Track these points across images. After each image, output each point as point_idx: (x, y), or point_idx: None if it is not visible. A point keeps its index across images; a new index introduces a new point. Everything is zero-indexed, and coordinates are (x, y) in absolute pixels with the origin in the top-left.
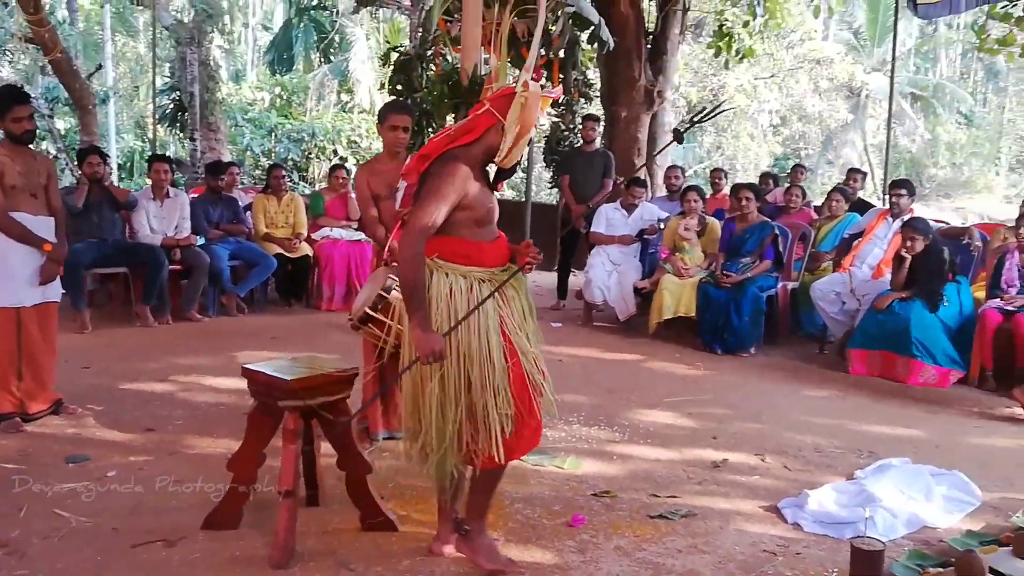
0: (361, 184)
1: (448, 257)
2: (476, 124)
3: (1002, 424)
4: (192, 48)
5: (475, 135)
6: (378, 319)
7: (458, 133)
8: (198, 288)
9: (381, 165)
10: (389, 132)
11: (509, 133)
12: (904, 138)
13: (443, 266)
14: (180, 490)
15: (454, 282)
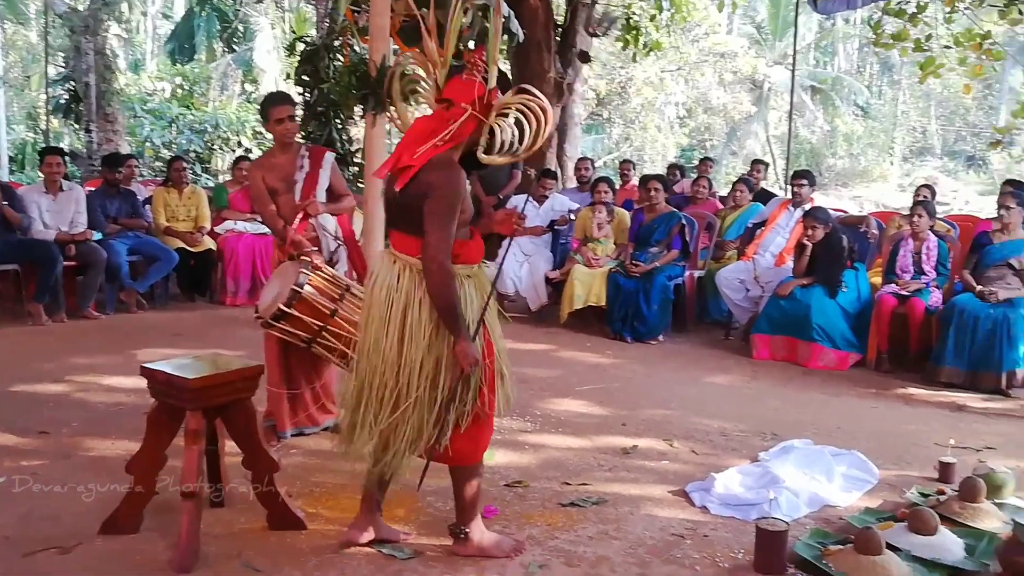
0: (256, 181)
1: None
2: (461, 131)
3: (897, 404)
4: (87, 37)
5: (461, 138)
6: (292, 315)
7: (444, 137)
8: (95, 284)
9: (274, 159)
10: (276, 126)
11: (500, 136)
12: (804, 129)
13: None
14: (76, 495)
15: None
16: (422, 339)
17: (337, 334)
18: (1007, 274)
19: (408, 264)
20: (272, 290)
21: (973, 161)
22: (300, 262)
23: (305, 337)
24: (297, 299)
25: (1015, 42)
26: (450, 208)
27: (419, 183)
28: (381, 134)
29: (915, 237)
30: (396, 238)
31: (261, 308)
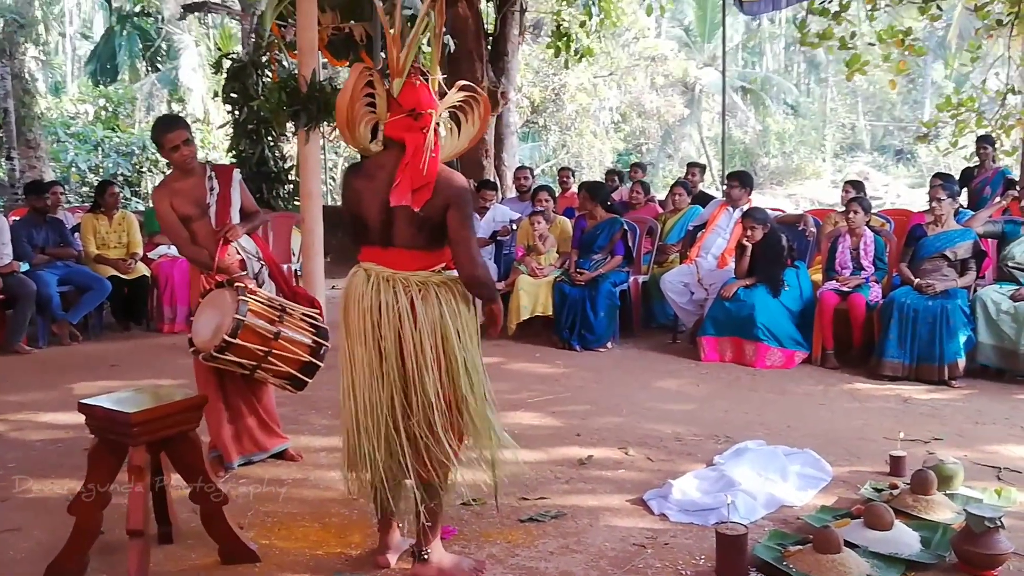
0: (164, 209)
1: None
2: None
3: (844, 400)
4: (3, 61)
5: (415, 143)
6: (237, 344)
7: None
8: (25, 318)
9: (179, 184)
10: (172, 153)
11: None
12: (737, 130)
13: (433, 279)
14: (16, 540)
15: (445, 301)
16: (424, 355)
17: (282, 356)
18: (943, 266)
19: (410, 281)
20: (208, 321)
21: (902, 155)
22: (233, 288)
23: (250, 364)
24: (241, 327)
25: (934, 37)
26: (471, 210)
27: (440, 196)
28: (315, 150)
29: (852, 233)
30: (397, 256)
31: (199, 342)
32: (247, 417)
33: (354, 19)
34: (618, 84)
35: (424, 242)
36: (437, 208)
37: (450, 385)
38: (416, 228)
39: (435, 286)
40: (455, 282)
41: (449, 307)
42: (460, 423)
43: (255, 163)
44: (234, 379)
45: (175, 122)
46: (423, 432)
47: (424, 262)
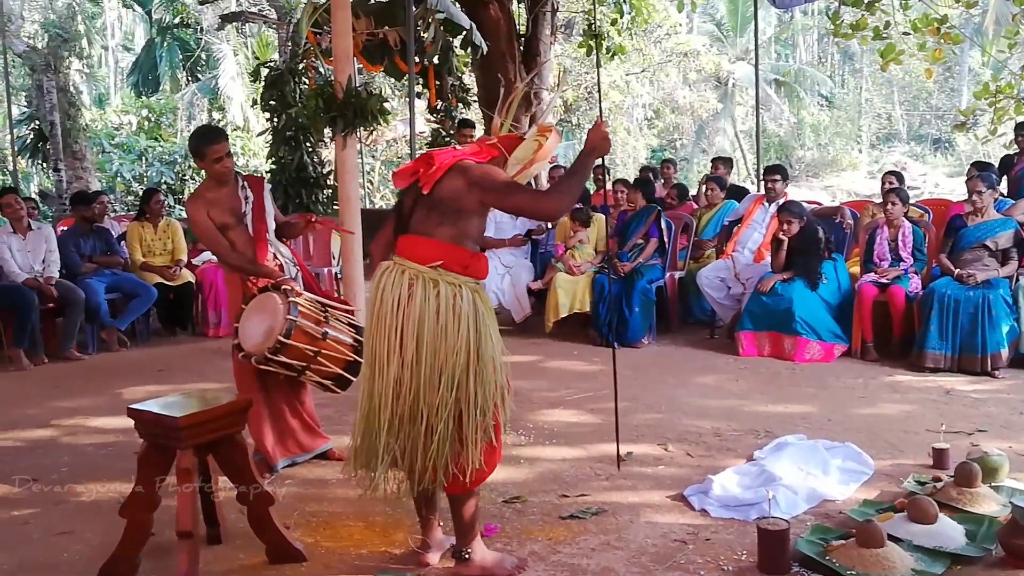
0: (202, 219)
1: (449, 266)
2: (484, 151)
3: (885, 393)
4: (49, 75)
5: (482, 160)
6: (290, 346)
7: (467, 154)
8: (75, 325)
9: (214, 194)
10: (215, 165)
11: (512, 166)
12: (771, 123)
13: (445, 275)
14: (70, 542)
15: (460, 293)
16: (441, 351)
17: (330, 356)
18: (983, 256)
19: (420, 274)
20: (257, 325)
21: (939, 144)
22: (281, 291)
23: (299, 366)
24: (293, 328)
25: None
26: (505, 178)
27: (457, 180)
28: (353, 155)
29: (890, 225)
30: (412, 243)
31: (250, 345)
32: (290, 419)
33: (388, 25)
34: (651, 80)
35: (436, 228)
36: (455, 192)
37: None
38: (427, 211)
39: (429, 280)
40: (456, 282)
41: (433, 304)
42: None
43: (294, 169)
44: (276, 382)
45: (218, 134)
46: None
47: (434, 252)
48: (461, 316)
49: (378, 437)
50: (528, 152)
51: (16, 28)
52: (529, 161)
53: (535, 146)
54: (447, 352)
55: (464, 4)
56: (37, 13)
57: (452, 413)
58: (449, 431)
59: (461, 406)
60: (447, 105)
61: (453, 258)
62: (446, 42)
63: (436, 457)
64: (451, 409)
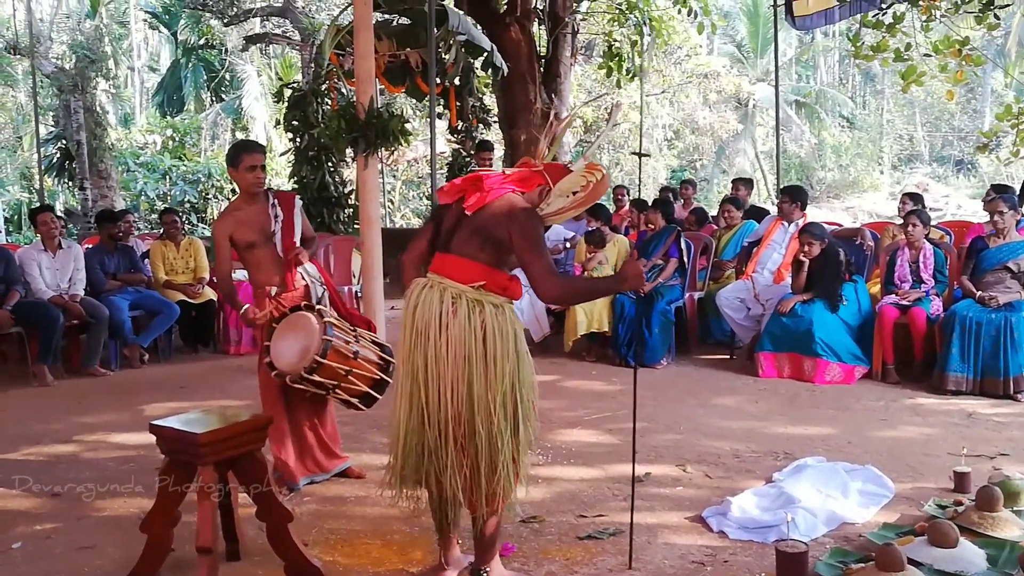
0: (221, 236)
1: (491, 288)
2: (530, 178)
3: (906, 415)
4: (76, 95)
5: (528, 188)
6: (324, 365)
7: (511, 179)
8: (99, 342)
9: (243, 213)
10: (247, 174)
11: (557, 198)
12: (792, 144)
13: (487, 296)
14: (92, 557)
15: (501, 313)
16: (487, 373)
17: (359, 375)
18: (1005, 278)
19: (462, 294)
20: (291, 344)
21: (962, 165)
22: (315, 311)
23: (330, 384)
24: (329, 348)
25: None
26: (539, 237)
27: (501, 215)
28: (374, 175)
29: (911, 246)
30: (453, 263)
31: (285, 364)
32: (310, 438)
33: (410, 46)
34: (671, 101)
35: (476, 252)
36: (496, 223)
37: (468, 409)
38: (467, 235)
39: (473, 301)
40: (497, 302)
41: (478, 324)
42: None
43: (316, 188)
44: (299, 400)
45: (256, 146)
46: (446, 450)
47: (471, 274)
48: (507, 337)
49: (414, 454)
50: (574, 185)
51: (45, 49)
52: (577, 202)
53: (581, 182)
54: (493, 374)
55: (485, 26)
56: (65, 35)
57: (490, 434)
58: (485, 452)
59: (500, 428)
60: (467, 125)
61: (494, 280)
62: (467, 63)
63: (472, 477)
64: (489, 430)
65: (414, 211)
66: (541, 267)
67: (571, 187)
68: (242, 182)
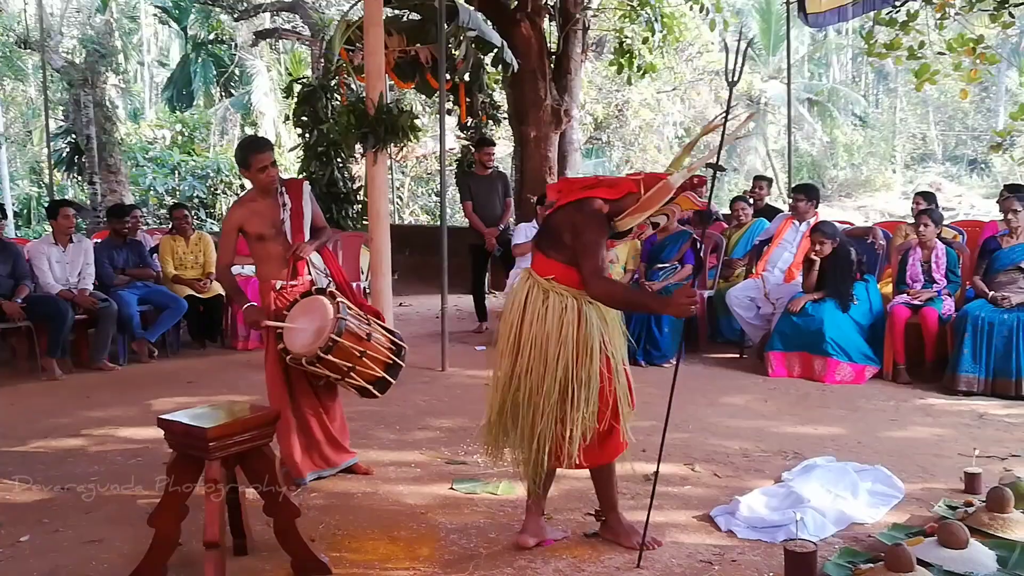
0: (230, 226)
1: (561, 280)
2: (621, 185)
3: (917, 416)
4: (86, 89)
5: (616, 195)
6: (340, 346)
7: (603, 183)
8: (107, 336)
9: (257, 204)
10: (259, 174)
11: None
12: (804, 142)
13: (557, 287)
14: (100, 550)
15: (567, 303)
16: (548, 350)
17: (373, 358)
18: (1019, 278)
19: (537, 283)
20: (305, 327)
21: (975, 165)
22: (328, 295)
23: (345, 367)
24: (344, 328)
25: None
26: (599, 242)
27: (568, 215)
28: (383, 171)
29: (923, 246)
30: (537, 258)
31: (300, 346)
32: (317, 433)
33: (420, 42)
34: (682, 99)
35: (552, 251)
36: (563, 225)
37: (548, 379)
38: (546, 234)
39: (549, 291)
40: (567, 294)
41: (544, 309)
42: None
43: (325, 184)
44: (306, 395)
45: (264, 144)
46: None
47: (546, 268)
48: (565, 323)
49: (501, 418)
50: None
51: (55, 44)
52: (640, 207)
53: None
54: (553, 352)
55: (495, 22)
56: (75, 29)
57: (556, 401)
58: (552, 416)
59: (554, 400)
60: (477, 122)
61: (565, 276)
62: (477, 59)
63: (543, 437)
64: (555, 397)
65: (423, 208)
66: (589, 268)
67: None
68: (256, 182)
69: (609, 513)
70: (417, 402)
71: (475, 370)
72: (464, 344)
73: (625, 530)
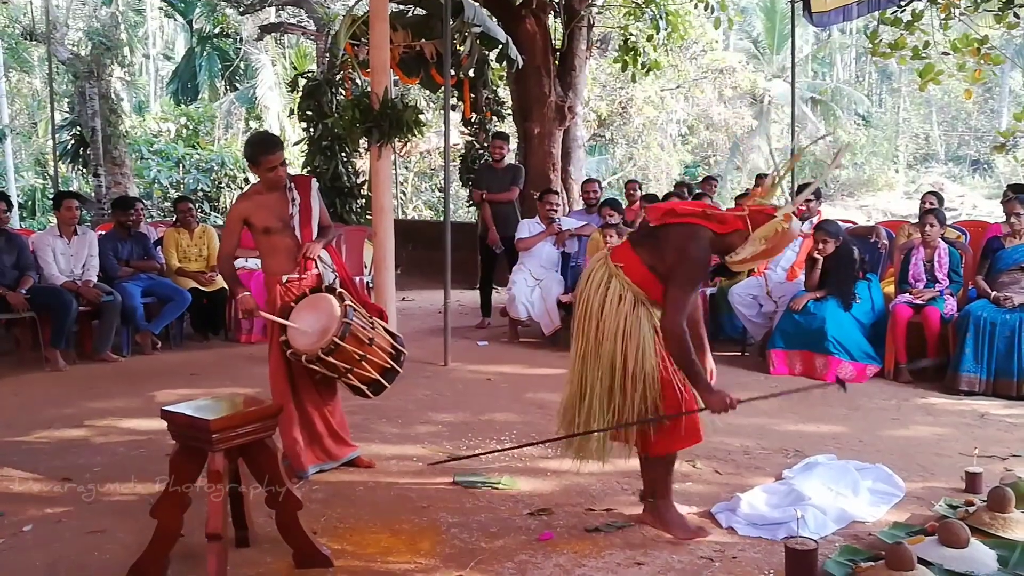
0: (237, 217)
1: (634, 278)
2: (730, 221)
3: (918, 415)
4: (91, 82)
5: (724, 230)
6: (342, 347)
7: (713, 217)
8: (111, 328)
9: (263, 198)
10: (268, 173)
11: (750, 245)
12: (807, 141)
13: (623, 278)
14: (102, 541)
15: (626, 296)
16: (612, 335)
17: (372, 361)
18: (1021, 278)
19: (607, 266)
20: (310, 324)
21: (978, 165)
22: (337, 294)
23: (344, 368)
24: (348, 331)
25: (1012, 44)
26: (695, 277)
27: (672, 242)
28: (387, 166)
29: (926, 245)
30: (626, 251)
31: (303, 344)
32: (319, 426)
33: (425, 37)
34: (685, 97)
35: (641, 247)
36: (667, 244)
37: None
38: (644, 237)
39: (613, 276)
40: (635, 292)
41: (612, 294)
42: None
43: (329, 178)
44: (308, 389)
45: (273, 144)
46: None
47: (628, 261)
48: (619, 310)
49: (577, 397)
50: (767, 232)
51: (61, 36)
52: (762, 252)
53: (775, 228)
54: (606, 335)
55: (500, 18)
56: (82, 21)
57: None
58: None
59: (619, 382)
60: (481, 118)
61: (641, 278)
62: (482, 55)
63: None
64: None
65: (426, 203)
66: (676, 302)
67: (764, 234)
68: (264, 179)
69: (660, 500)
70: (419, 396)
71: (477, 365)
72: (467, 339)
73: (675, 520)
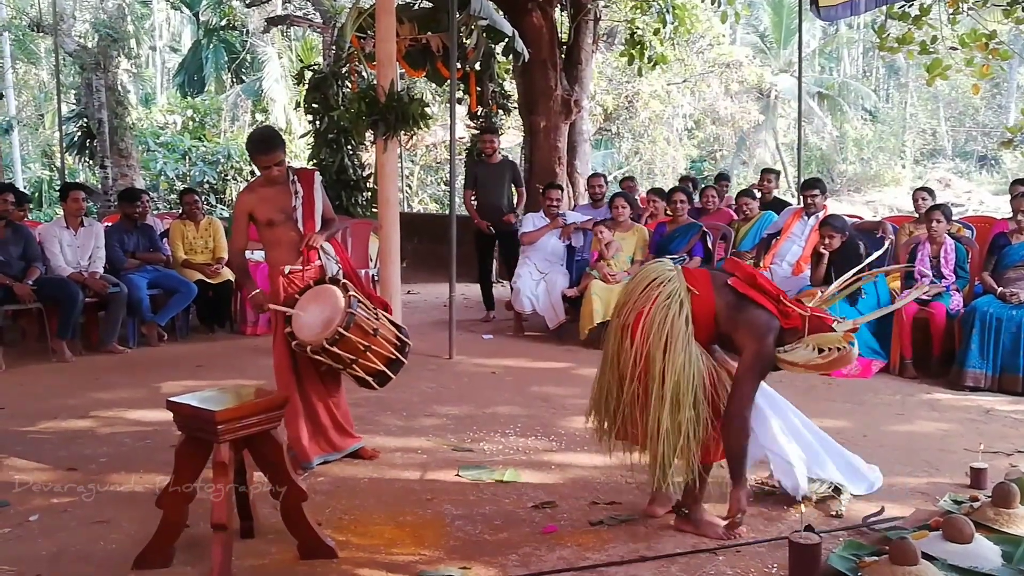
0: (241, 212)
1: (696, 307)
2: (792, 317)
3: (924, 411)
4: (98, 74)
5: (786, 325)
6: (346, 338)
7: (783, 310)
8: (117, 319)
9: (265, 191)
10: (266, 170)
11: (803, 349)
12: (814, 136)
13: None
14: (107, 531)
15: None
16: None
17: (377, 352)
18: None
19: (679, 291)
20: (315, 315)
21: (985, 161)
22: (341, 285)
23: (348, 359)
24: (352, 322)
25: (1020, 40)
26: (763, 369)
27: (753, 316)
28: (393, 159)
29: (932, 241)
30: (702, 276)
31: (308, 335)
32: (323, 418)
33: (431, 30)
34: (692, 91)
35: (719, 297)
36: (743, 321)
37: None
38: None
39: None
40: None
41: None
42: None
43: (335, 171)
44: (312, 381)
45: (272, 145)
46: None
47: (702, 292)
48: (666, 320)
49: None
50: (824, 344)
51: (68, 27)
52: (815, 364)
53: (833, 343)
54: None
55: (507, 11)
56: (88, 13)
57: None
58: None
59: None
60: (487, 111)
61: (702, 309)
62: (488, 49)
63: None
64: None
65: (432, 196)
66: (744, 387)
67: (818, 343)
68: (263, 175)
69: (693, 506)
70: (424, 389)
71: (482, 358)
72: (471, 332)
73: (707, 523)
